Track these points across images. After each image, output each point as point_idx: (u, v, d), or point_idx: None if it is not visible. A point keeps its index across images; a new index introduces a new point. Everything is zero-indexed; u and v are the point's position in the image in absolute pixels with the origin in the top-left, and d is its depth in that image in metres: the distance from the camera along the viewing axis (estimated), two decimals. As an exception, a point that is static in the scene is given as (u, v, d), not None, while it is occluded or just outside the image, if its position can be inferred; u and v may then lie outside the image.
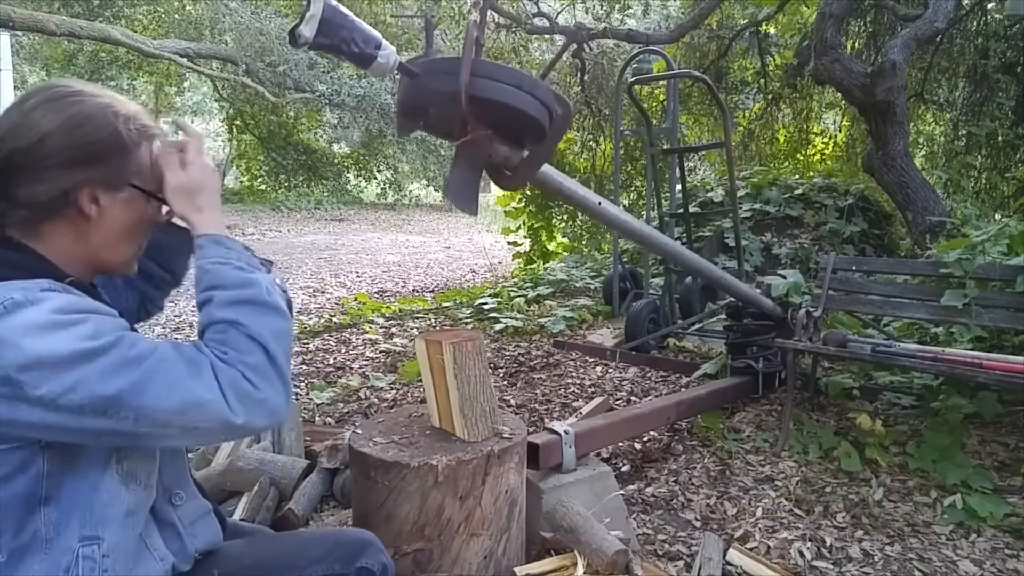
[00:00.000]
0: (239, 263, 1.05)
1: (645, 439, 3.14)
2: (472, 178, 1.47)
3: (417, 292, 7.71)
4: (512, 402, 3.66)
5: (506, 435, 1.84)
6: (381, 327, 5.47)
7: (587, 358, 4.45)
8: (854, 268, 3.52)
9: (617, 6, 9.29)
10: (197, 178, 1.08)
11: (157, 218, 1.13)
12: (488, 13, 9.39)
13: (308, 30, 1.22)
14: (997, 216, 5.95)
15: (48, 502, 0.94)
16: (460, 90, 1.30)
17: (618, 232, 5.22)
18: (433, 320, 5.80)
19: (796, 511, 2.53)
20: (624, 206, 9.49)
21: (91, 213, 1.01)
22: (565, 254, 8.67)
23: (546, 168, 1.66)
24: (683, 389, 3.73)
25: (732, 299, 3.57)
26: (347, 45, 1.26)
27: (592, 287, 6.74)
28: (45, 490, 0.94)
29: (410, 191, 21.31)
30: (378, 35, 1.32)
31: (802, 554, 2.25)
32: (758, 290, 3.53)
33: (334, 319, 5.83)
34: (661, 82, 7.09)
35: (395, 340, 5.01)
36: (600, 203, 2.00)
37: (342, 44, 1.26)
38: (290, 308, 1.08)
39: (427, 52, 1.55)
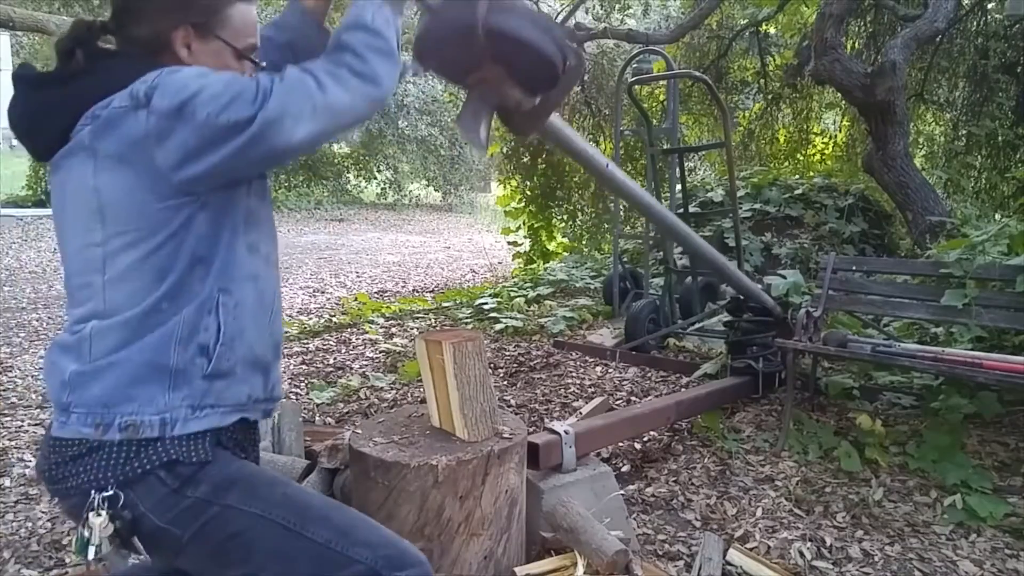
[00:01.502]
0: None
1: (645, 439, 3.14)
2: (483, 112, 1.46)
3: (417, 292, 7.71)
4: (512, 402, 3.66)
5: (506, 435, 1.84)
6: (381, 327, 5.47)
7: (587, 358, 4.45)
8: (854, 268, 3.52)
9: (617, 6, 9.29)
10: None
11: (245, 70, 1.26)
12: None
13: None
14: (997, 216, 5.95)
15: (201, 260, 1.15)
16: (477, 21, 1.30)
17: (623, 199, 5.17)
18: (433, 320, 5.80)
19: (796, 511, 2.53)
20: (624, 206, 9.48)
21: (184, 56, 1.20)
22: (565, 254, 8.67)
23: (557, 120, 1.65)
24: (683, 389, 3.72)
25: (733, 296, 3.57)
26: None
27: (592, 287, 6.74)
28: (200, 249, 1.14)
29: (410, 191, 21.29)
30: None
31: (802, 554, 2.25)
32: (760, 286, 3.52)
33: (334, 319, 5.83)
34: (661, 82, 7.09)
35: (395, 340, 5.01)
36: (608, 165, 1.97)
37: None
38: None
39: None
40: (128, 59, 1.18)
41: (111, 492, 1.10)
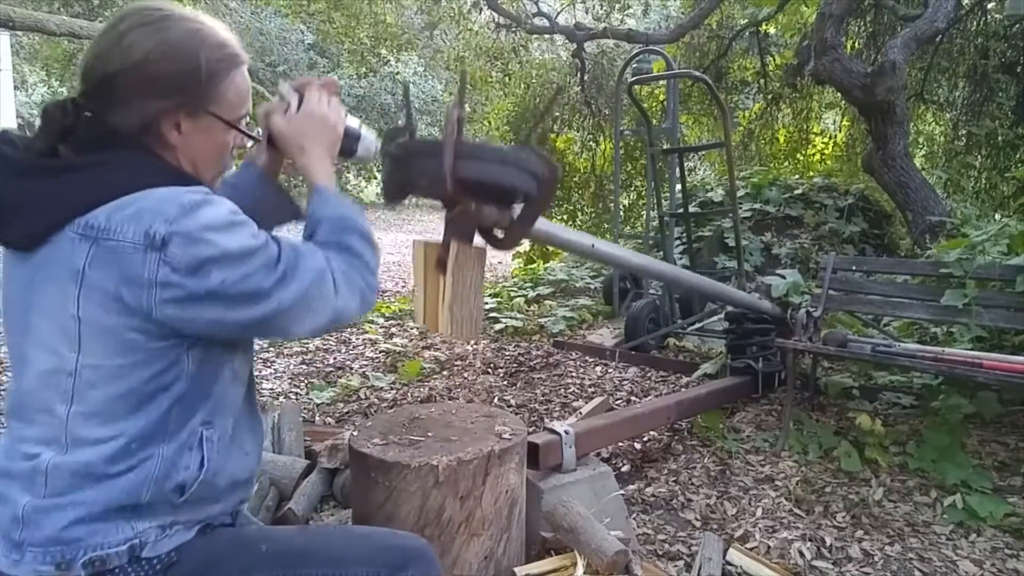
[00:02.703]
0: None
1: (645, 439, 3.14)
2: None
3: (417, 292, 7.71)
4: (512, 402, 3.66)
5: (506, 435, 1.84)
6: (381, 327, 5.47)
7: (587, 358, 4.45)
8: (854, 268, 3.52)
9: (617, 6, 9.30)
10: (298, 126, 1.22)
11: (238, 144, 1.20)
12: (488, 13, 9.40)
13: None
14: (997, 216, 5.95)
15: (183, 399, 1.06)
16: (444, 174, 1.33)
17: (617, 268, 5.26)
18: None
19: (796, 511, 2.53)
20: (624, 206, 9.49)
21: (173, 140, 1.09)
22: (565, 254, 8.67)
23: (537, 223, 1.68)
24: (683, 389, 3.73)
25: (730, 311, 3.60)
26: None
27: (592, 287, 6.74)
28: (185, 388, 1.06)
29: (410, 191, 21.29)
30: (356, 123, 1.33)
31: (802, 554, 2.25)
32: (757, 294, 3.54)
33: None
34: (661, 82, 7.09)
35: (395, 340, 5.01)
36: (593, 245, 2.05)
37: None
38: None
39: (408, 122, 1.59)
40: (122, 151, 1.05)
41: None
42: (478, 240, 1.56)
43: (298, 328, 1.08)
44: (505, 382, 4.06)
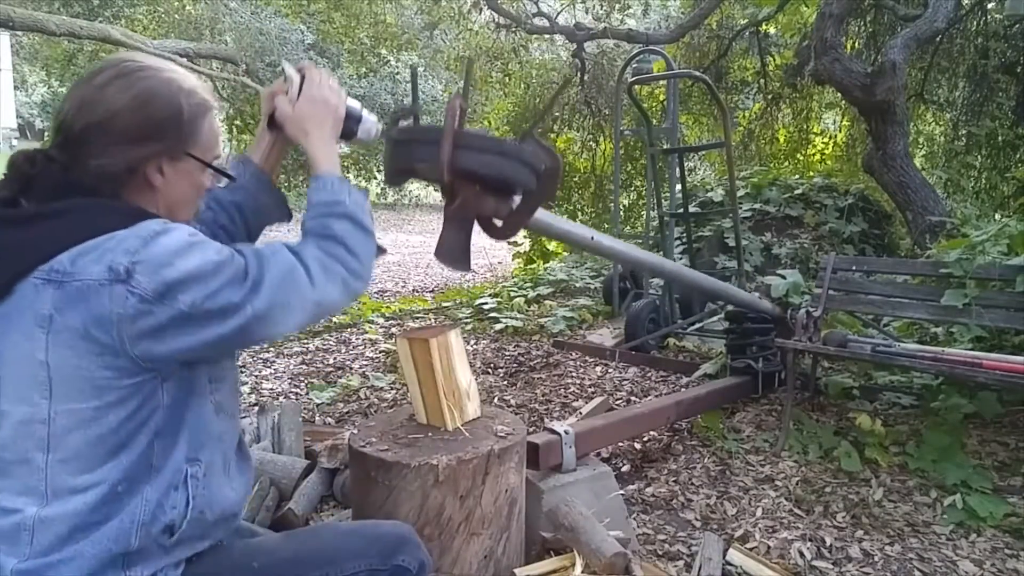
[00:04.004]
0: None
1: (645, 439, 3.14)
2: (463, 238, 1.48)
3: (417, 292, 7.72)
4: (512, 402, 3.66)
5: (506, 435, 1.84)
6: (381, 327, 5.47)
7: (587, 358, 4.45)
8: (854, 268, 3.52)
9: (617, 6, 9.29)
10: (301, 109, 1.24)
11: (213, 183, 1.23)
12: (488, 13, 9.40)
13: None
14: (997, 216, 5.95)
15: (161, 434, 1.05)
16: (442, 164, 1.32)
17: (615, 261, 5.25)
18: (433, 320, 5.80)
19: (796, 511, 2.53)
20: (624, 206, 9.49)
21: (157, 183, 1.10)
22: (565, 254, 8.67)
23: (536, 214, 1.68)
24: (683, 389, 3.72)
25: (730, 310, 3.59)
26: None
27: (592, 287, 6.74)
28: (162, 422, 1.04)
29: (410, 191, 21.29)
30: (357, 106, 1.33)
31: (802, 554, 2.25)
32: (757, 294, 3.53)
33: (334, 319, 5.83)
34: (661, 82, 7.09)
35: (395, 340, 5.00)
36: (592, 237, 2.03)
37: None
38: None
39: (413, 106, 1.57)
40: (83, 199, 1.03)
41: None
42: (476, 236, 1.54)
43: (281, 329, 1.06)
44: (505, 382, 4.06)
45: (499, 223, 1.55)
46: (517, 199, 1.50)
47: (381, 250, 1.23)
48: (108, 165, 1.05)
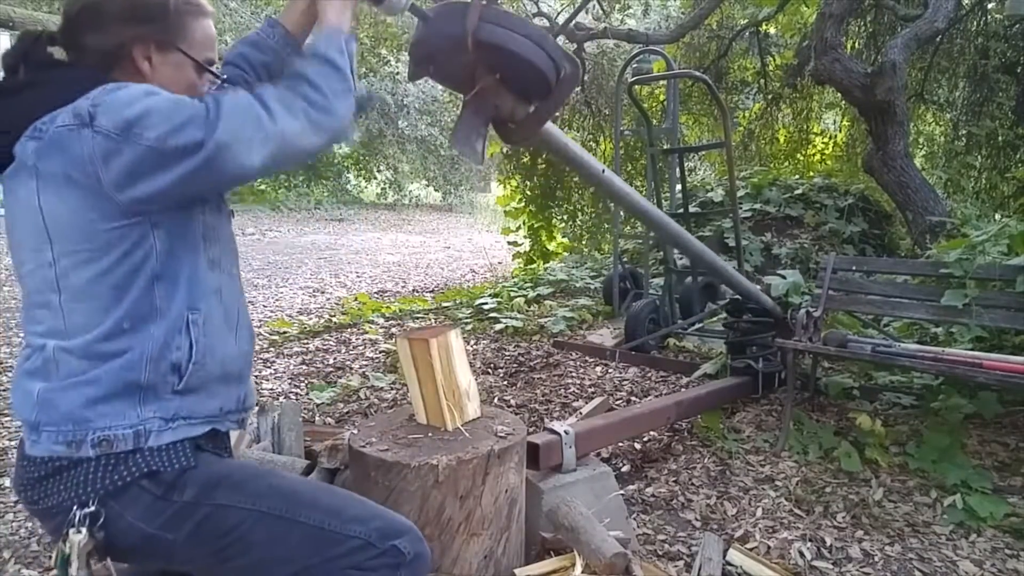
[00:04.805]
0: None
1: (645, 439, 3.14)
2: (478, 126, 1.45)
3: (417, 292, 7.71)
4: (512, 402, 3.66)
5: (506, 435, 1.84)
6: (381, 327, 5.47)
7: (587, 358, 4.45)
8: (854, 268, 3.52)
9: (617, 6, 9.29)
10: None
11: (209, 86, 1.28)
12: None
13: None
14: (997, 216, 5.95)
15: (160, 278, 1.14)
16: (467, 34, 1.30)
17: (620, 205, 5.18)
18: (433, 320, 5.80)
19: (796, 511, 2.53)
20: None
21: (144, 69, 1.20)
22: (565, 254, 8.67)
23: (551, 128, 1.65)
24: (683, 389, 3.73)
25: (733, 297, 3.57)
26: None
27: (592, 287, 6.73)
28: (159, 267, 1.14)
29: (410, 191, 21.29)
30: None
31: (802, 554, 2.25)
32: (758, 287, 3.52)
33: (334, 319, 5.83)
34: (661, 82, 7.09)
35: (395, 340, 5.00)
36: (604, 171, 1.95)
37: None
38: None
39: None
40: (78, 71, 1.16)
41: (93, 508, 1.11)
42: (492, 133, 1.52)
43: (246, 161, 1.07)
44: (505, 382, 4.06)
45: (513, 127, 1.52)
46: (532, 109, 1.47)
47: (369, 99, 1.22)
48: (99, 42, 1.16)
